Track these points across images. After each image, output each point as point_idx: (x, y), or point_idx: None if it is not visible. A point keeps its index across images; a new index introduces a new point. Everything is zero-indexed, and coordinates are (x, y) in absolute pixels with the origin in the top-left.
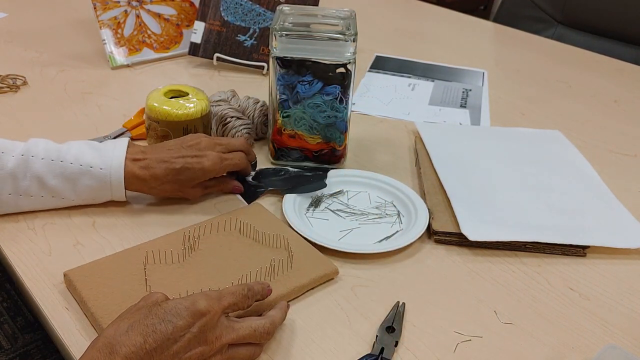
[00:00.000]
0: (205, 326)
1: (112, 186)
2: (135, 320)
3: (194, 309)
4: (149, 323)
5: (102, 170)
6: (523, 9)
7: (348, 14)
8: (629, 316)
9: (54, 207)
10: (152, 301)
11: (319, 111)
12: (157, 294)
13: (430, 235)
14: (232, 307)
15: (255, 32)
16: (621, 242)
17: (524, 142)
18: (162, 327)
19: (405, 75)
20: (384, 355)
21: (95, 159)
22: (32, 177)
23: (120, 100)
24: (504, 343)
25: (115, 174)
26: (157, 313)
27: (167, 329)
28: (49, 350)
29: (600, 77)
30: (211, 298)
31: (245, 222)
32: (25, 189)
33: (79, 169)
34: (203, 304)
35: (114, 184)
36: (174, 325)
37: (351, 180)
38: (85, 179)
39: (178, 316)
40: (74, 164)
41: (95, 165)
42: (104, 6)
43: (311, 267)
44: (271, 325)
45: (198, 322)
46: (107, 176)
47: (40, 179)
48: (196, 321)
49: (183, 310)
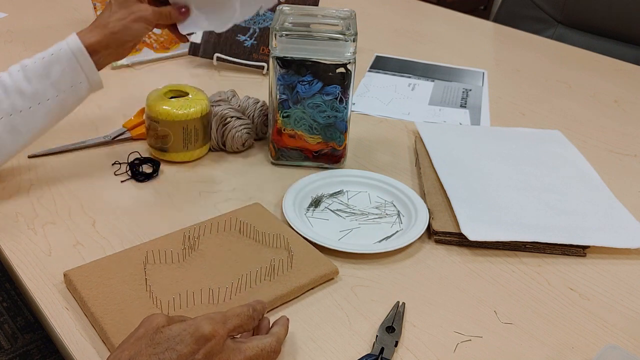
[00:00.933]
0: (211, 351)
1: (78, 60)
2: (137, 352)
3: (198, 335)
4: (152, 353)
5: (62, 49)
6: (523, 9)
7: (348, 14)
8: (629, 316)
9: (47, 118)
10: (153, 327)
11: (319, 111)
12: (158, 318)
13: (430, 235)
14: (238, 330)
15: (255, 32)
16: (621, 242)
17: (524, 142)
18: (166, 356)
19: (405, 75)
20: (384, 355)
21: (52, 47)
22: (12, 92)
23: (120, 100)
24: (503, 343)
25: (73, 44)
26: (160, 341)
27: (171, 357)
28: (49, 350)
29: (600, 77)
30: (216, 322)
31: (245, 222)
32: (11, 106)
33: (43, 62)
34: (207, 329)
35: (78, 57)
36: (178, 353)
37: (351, 180)
38: (55, 67)
39: (182, 343)
40: (37, 62)
41: (54, 50)
42: (104, 6)
43: (311, 267)
44: (277, 343)
45: (203, 348)
46: (68, 51)
47: (20, 90)
48: (201, 347)
49: (187, 337)
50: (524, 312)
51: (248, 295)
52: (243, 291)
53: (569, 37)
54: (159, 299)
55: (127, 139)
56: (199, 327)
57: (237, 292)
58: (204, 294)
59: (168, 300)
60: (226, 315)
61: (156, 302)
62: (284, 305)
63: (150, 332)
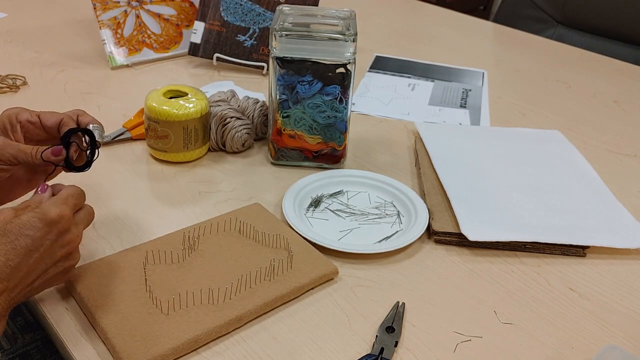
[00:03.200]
0: (62, 230)
1: None
2: None
3: (48, 219)
4: (6, 241)
5: None
6: (523, 9)
7: (348, 14)
8: (629, 316)
9: None
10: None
11: (319, 111)
12: (5, 212)
13: (430, 235)
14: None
15: (255, 32)
16: (621, 242)
17: (523, 142)
18: (21, 241)
19: (405, 75)
20: (384, 355)
21: None
22: None
23: (120, 100)
24: (503, 343)
25: None
26: (12, 230)
27: (26, 242)
28: (49, 350)
29: (600, 77)
30: (59, 204)
31: (245, 222)
32: None
33: None
34: (55, 212)
35: None
36: (32, 238)
37: (351, 180)
38: None
39: (33, 228)
40: None
41: None
42: (104, 6)
43: (311, 267)
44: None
45: (54, 228)
46: None
47: None
48: (52, 229)
49: (37, 222)
50: (523, 312)
51: (248, 295)
52: (243, 291)
53: (569, 37)
54: (159, 299)
55: (127, 139)
56: (46, 212)
57: (237, 292)
58: (203, 294)
59: (168, 300)
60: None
61: (156, 302)
62: (283, 305)
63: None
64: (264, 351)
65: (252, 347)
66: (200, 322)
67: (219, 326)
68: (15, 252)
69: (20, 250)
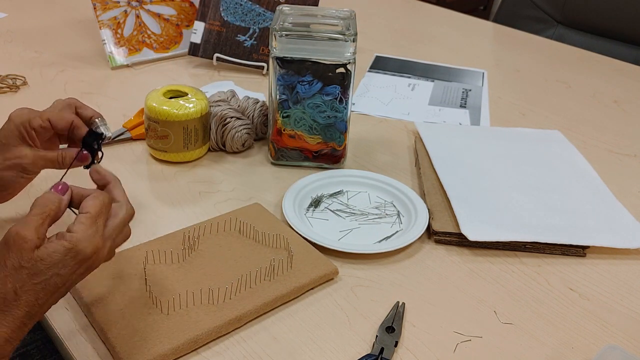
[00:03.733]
0: (91, 265)
1: None
2: (22, 285)
3: (81, 257)
4: (38, 281)
5: None
6: (523, 9)
7: (348, 14)
8: (629, 316)
9: None
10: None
11: (319, 111)
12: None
13: (430, 236)
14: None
15: (255, 32)
16: (621, 242)
17: (524, 142)
18: (53, 281)
19: (405, 76)
20: (384, 355)
21: None
22: None
23: (120, 100)
24: (503, 343)
25: None
26: (44, 270)
27: (56, 282)
28: (49, 350)
29: (600, 77)
30: (97, 240)
31: (245, 222)
32: None
33: None
34: (90, 250)
35: None
36: (62, 276)
37: (351, 180)
38: None
39: (66, 267)
40: None
41: None
42: (104, 6)
43: (311, 267)
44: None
45: (85, 264)
46: None
47: None
48: (83, 264)
49: (70, 261)
50: (523, 312)
51: (248, 295)
52: (243, 291)
53: (569, 37)
54: (159, 299)
55: (127, 139)
56: (81, 249)
57: (237, 292)
58: (203, 294)
59: (168, 300)
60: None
61: (156, 302)
62: (283, 305)
63: (27, 258)
64: (264, 351)
65: (252, 347)
66: (200, 322)
67: (219, 326)
68: (44, 291)
69: (49, 289)
